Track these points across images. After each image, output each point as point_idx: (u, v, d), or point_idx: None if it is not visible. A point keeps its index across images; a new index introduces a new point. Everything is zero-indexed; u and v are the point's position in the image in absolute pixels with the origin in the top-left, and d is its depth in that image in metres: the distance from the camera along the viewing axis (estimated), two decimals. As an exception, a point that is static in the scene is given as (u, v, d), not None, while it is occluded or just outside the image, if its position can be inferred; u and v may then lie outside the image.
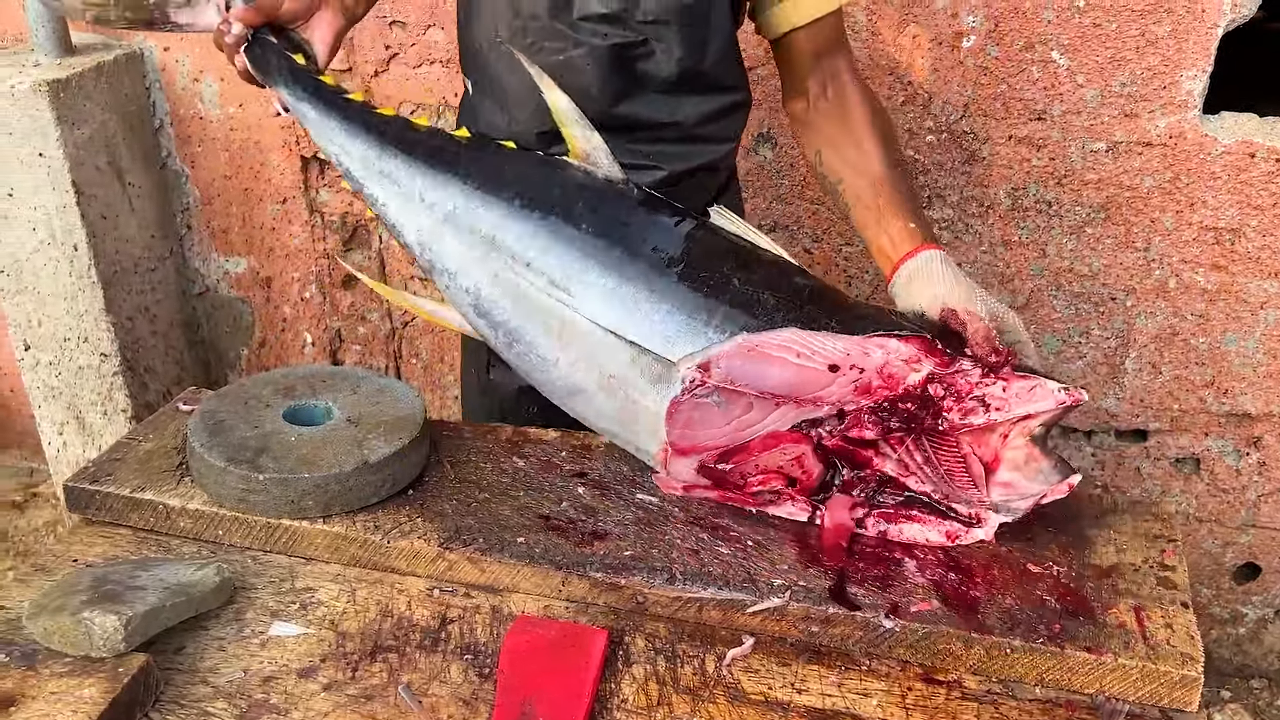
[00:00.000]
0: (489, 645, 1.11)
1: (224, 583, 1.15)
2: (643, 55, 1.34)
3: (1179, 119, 1.89)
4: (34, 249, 2.34)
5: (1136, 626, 1.07)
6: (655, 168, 1.41)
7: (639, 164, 1.39)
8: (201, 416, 1.31)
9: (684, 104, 1.39)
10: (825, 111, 1.38)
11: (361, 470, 1.22)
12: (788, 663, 1.09)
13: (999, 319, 1.18)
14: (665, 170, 1.42)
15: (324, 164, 2.43)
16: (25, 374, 2.54)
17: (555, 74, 1.31)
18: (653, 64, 1.35)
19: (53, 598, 1.07)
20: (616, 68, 1.35)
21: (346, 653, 1.10)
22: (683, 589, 1.13)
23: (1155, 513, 1.25)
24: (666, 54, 1.34)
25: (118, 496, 1.27)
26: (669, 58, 1.34)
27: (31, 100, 2.18)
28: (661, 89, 1.37)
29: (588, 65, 1.34)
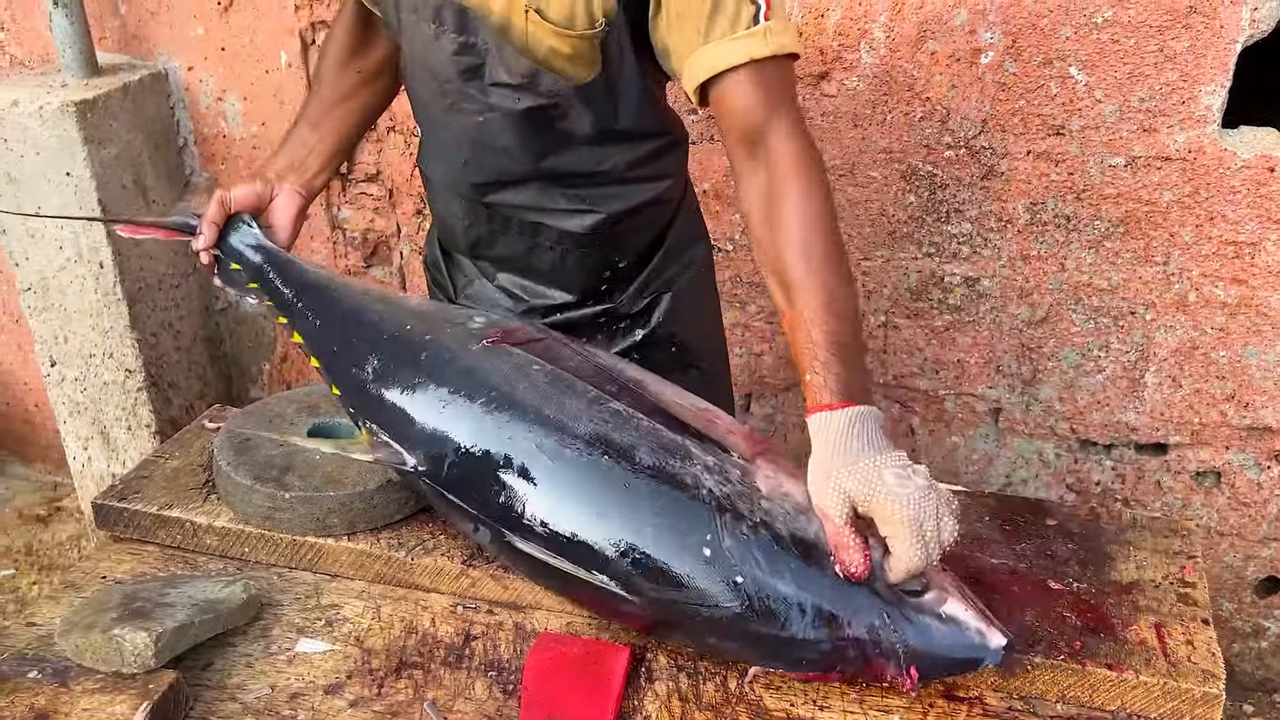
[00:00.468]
0: (512, 662, 1.12)
1: (251, 600, 1.17)
2: (558, 116, 1.30)
3: (1198, 134, 1.89)
4: (60, 266, 2.37)
5: (1157, 643, 1.07)
6: (592, 211, 1.39)
7: (575, 209, 1.38)
8: (227, 435, 1.33)
9: (609, 153, 1.35)
10: (752, 197, 1.19)
11: (385, 488, 1.24)
12: (809, 680, 1.09)
13: (868, 503, 1.00)
14: (603, 213, 1.39)
15: (345, 180, 2.46)
16: (51, 389, 2.58)
17: (476, 134, 1.33)
18: (568, 123, 1.31)
19: (83, 615, 1.09)
20: (534, 128, 1.31)
21: (372, 669, 1.11)
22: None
23: (1175, 529, 1.25)
24: (579, 117, 1.30)
25: (145, 514, 1.29)
26: (582, 120, 1.30)
27: (59, 120, 2.21)
28: (584, 142, 1.33)
29: (506, 127, 1.31)
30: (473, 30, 1.26)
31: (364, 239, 2.51)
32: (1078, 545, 1.22)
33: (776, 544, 1.03)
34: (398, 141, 2.36)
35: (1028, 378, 2.19)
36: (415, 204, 2.43)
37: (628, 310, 1.48)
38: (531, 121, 1.30)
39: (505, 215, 1.41)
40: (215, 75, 2.43)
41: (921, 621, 1.02)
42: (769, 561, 1.03)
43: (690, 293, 1.55)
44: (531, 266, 1.46)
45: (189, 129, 2.50)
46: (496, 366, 1.20)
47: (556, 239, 1.41)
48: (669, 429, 1.13)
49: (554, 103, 1.28)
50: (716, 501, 1.06)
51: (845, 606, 1.02)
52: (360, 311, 1.32)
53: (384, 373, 1.23)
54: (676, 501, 1.07)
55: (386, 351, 1.25)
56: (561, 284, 1.47)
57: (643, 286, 1.48)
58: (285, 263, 1.39)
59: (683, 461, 1.09)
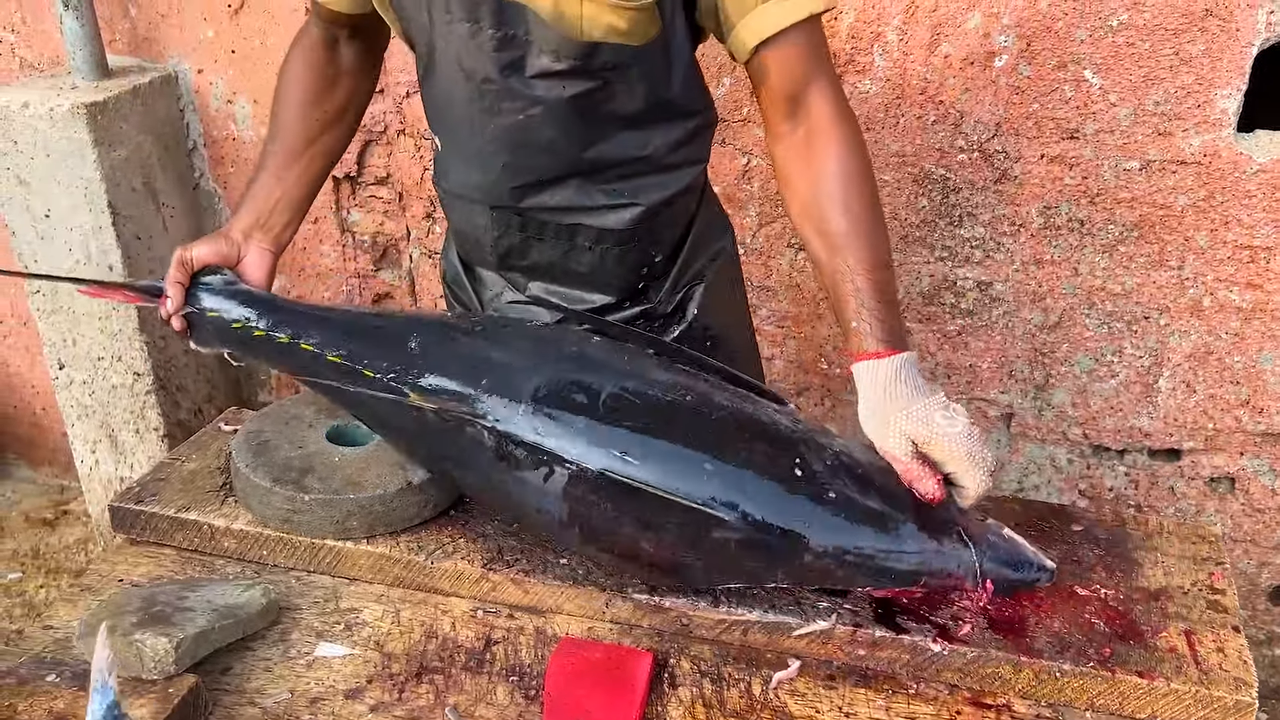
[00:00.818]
0: (534, 667, 1.11)
1: (270, 604, 1.16)
2: (605, 99, 1.27)
3: (1213, 137, 1.89)
4: (70, 269, 2.36)
5: (1188, 650, 1.06)
6: (631, 204, 1.37)
7: (615, 204, 1.37)
8: (245, 436, 1.32)
9: (653, 136, 1.34)
10: (791, 155, 1.25)
11: (405, 491, 1.23)
12: (834, 686, 1.08)
13: (928, 445, 1.11)
14: (643, 205, 1.37)
15: (355, 183, 2.45)
16: (59, 393, 2.57)
17: (517, 134, 1.29)
18: (617, 104, 1.29)
19: (102, 618, 1.08)
20: (580, 116, 1.28)
21: (393, 674, 1.10)
22: (728, 611, 1.13)
23: (1202, 534, 1.24)
24: (629, 93, 1.28)
25: (162, 517, 1.28)
26: (632, 96, 1.28)
27: (70, 122, 2.20)
28: (628, 125, 1.31)
29: (550, 120, 1.28)
30: (513, 23, 1.22)
31: (374, 242, 2.50)
32: (1104, 551, 1.21)
33: (859, 467, 1.13)
34: (408, 145, 2.35)
35: (1040, 382, 2.18)
36: (425, 207, 2.42)
37: (664, 309, 1.47)
38: (577, 109, 1.28)
39: (540, 221, 1.38)
40: (225, 78, 2.42)
41: (989, 540, 1.14)
42: (855, 481, 1.12)
43: (719, 284, 1.54)
44: (568, 271, 1.43)
45: (199, 132, 2.49)
46: (557, 335, 1.26)
47: (595, 238, 1.39)
48: (731, 385, 1.22)
49: (604, 82, 1.26)
50: (797, 434, 1.14)
51: (928, 522, 1.12)
52: (379, 315, 1.33)
53: (433, 343, 1.24)
54: (761, 432, 1.14)
55: (431, 331, 1.26)
56: (600, 286, 1.44)
57: (675, 281, 1.47)
58: (270, 297, 1.36)
59: (754, 406, 1.18)
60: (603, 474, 1.10)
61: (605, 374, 1.17)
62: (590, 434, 1.12)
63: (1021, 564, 1.14)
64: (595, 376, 1.17)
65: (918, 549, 1.11)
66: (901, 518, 1.11)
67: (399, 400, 1.21)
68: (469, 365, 1.20)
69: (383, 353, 1.24)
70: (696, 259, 1.49)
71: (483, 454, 1.17)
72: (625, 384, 1.16)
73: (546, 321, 1.30)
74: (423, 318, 1.31)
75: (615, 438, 1.12)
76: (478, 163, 1.35)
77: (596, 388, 1.15)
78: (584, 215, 1.37)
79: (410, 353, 1.23)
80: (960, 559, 1.12)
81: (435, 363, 1.21)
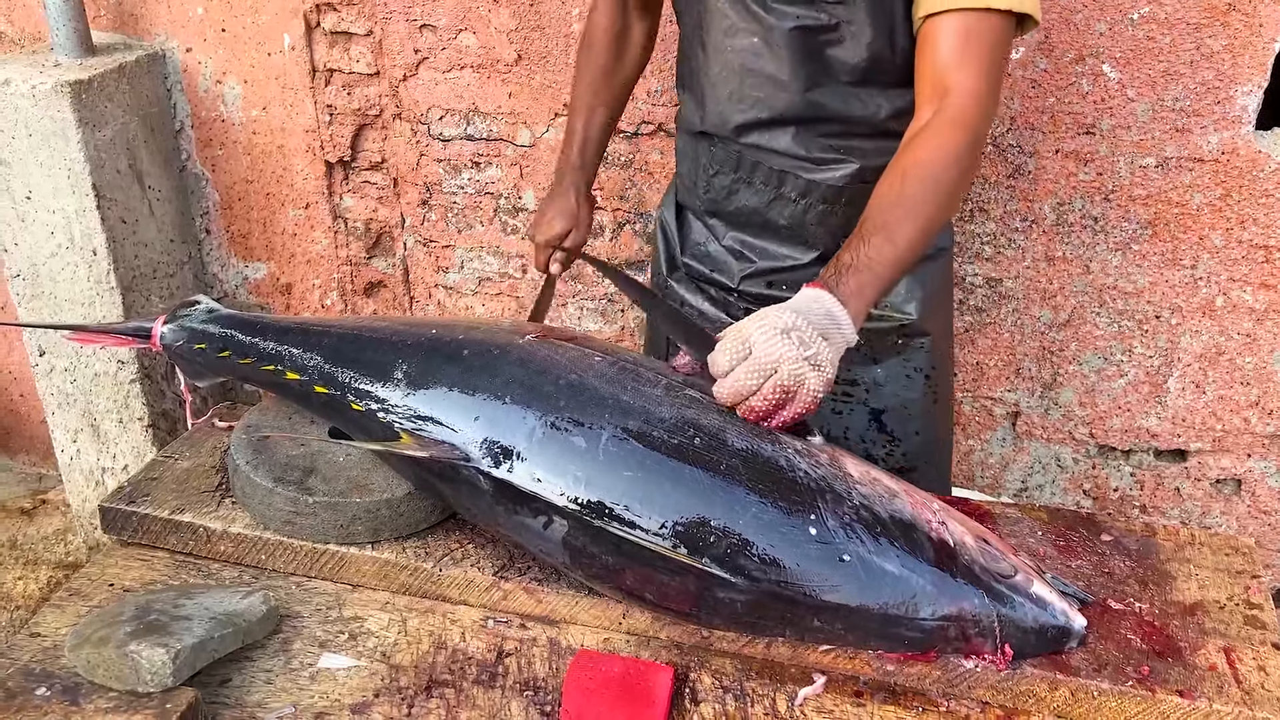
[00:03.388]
0: (549, 680, 1.07)
1: (270, 612, 1.10)
2: (832, 40, 1.29)
3: (1231, 135, 1.85)
4: (51, 253, 2.29)
5: (1228, 668, 1.03)
6: (846, 160, 1.38)
7: (830, 158, 1.38)
8: (245, 431, 1.26)
9: (873, 97, 1.34)
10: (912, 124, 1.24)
11: (414, 495, 1.17)
12: (862, 703, 1.04)
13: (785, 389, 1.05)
14: (857, 163, 1.38)
15: (349, 168, 2.39)
16: (39, 380, 2.49)
17: (746, 59, 1.34)
18: (842, 50, 1.30)
19: (95, 628, 1.02)
20: (805, 53, 1.31)
21: (401, 687, 1.05)
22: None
23: (1235, 546, 1.20)
24: (855, 39, 1.29)
25: (155, 518, 1.22)
26: (858, 43, 1.29)
27: (52, 101, 2.13)
28: (851, 79, 1.32)
29: (778, 49, 1.32)
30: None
31: (366, 229, 2.44)
32: (1135, 563, 1.17)
33: (878, 524, 1.04)
34: (403, 129, 2.29)
35: (1048, 381, 2.15)
36: (420, 194, 2.35)
37: None
38: (803, 44, 1.30)
39: (753, 162, 1.42)
40: (215, 57, 2.34)
41: (1015, 601, 1.04)
42: (873, 541, 1.02)
43: (939, 288, 1.51)
44: (768, 223, 1.46)
45: (186, 112, 2.42)
46: (553, 357, 1.15)
47: (803, 190, 1.40)
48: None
49: (833, 22, 1.28)
50: (814, 483, 1.05)
51: (945, 585, 1.03)
52: (365, 331, 1.26)
53: (421, 375, 1.17)
54: (776, 482, 1.04)
55: (418, 355, 1.19)
56: (797, 241, 1.46)
57: None
58: (253, 319, 1.34)
59: (774, 445, 1.07)
60: (602, 530, 1.05)
61: (605, 411, 1.09)
62: (590, 484, 1.05)
63: (1047, 628, 1.04)
64: (594, 414, 1.09)
65: (932, 615, 1.02)
66: (918, 582, 1.02)
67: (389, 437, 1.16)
68: (459, 402, 1.13)
69: (369, 380, 1.19)
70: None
71: (480, 497, 1.12)
72: (628, 424, 1.07)
73: (531, 336, 1.21)
74: (407, 337, 1.22)
75: (616, 488, 1.05)
76: (710, 91, 1.41)
77: (596, 429, 1.07)
78: (796, 164, 1.39)
79: (396, 382, 1.17)
80: (980, 624, 1.03)
81: (424, 398, 1.15)
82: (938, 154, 1.17)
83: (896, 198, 1.15)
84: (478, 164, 2.28)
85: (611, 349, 1.20)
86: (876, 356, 1.52)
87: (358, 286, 2.51)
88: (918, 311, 1.49)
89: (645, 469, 1.05)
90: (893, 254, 1.13)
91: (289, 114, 2.34)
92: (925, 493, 1.13)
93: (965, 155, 1.18)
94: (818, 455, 1.08)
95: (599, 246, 2.29)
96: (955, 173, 1.17)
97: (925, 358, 1.53)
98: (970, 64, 1.20)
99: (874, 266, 1.11)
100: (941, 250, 1.52)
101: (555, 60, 2.13)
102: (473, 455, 1.10)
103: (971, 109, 1.19)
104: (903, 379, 1.53)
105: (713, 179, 1.47)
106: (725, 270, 1.53)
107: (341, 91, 2.29)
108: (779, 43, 1.31)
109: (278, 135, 2.38)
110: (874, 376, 1.53)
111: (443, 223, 2.38)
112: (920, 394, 1.54)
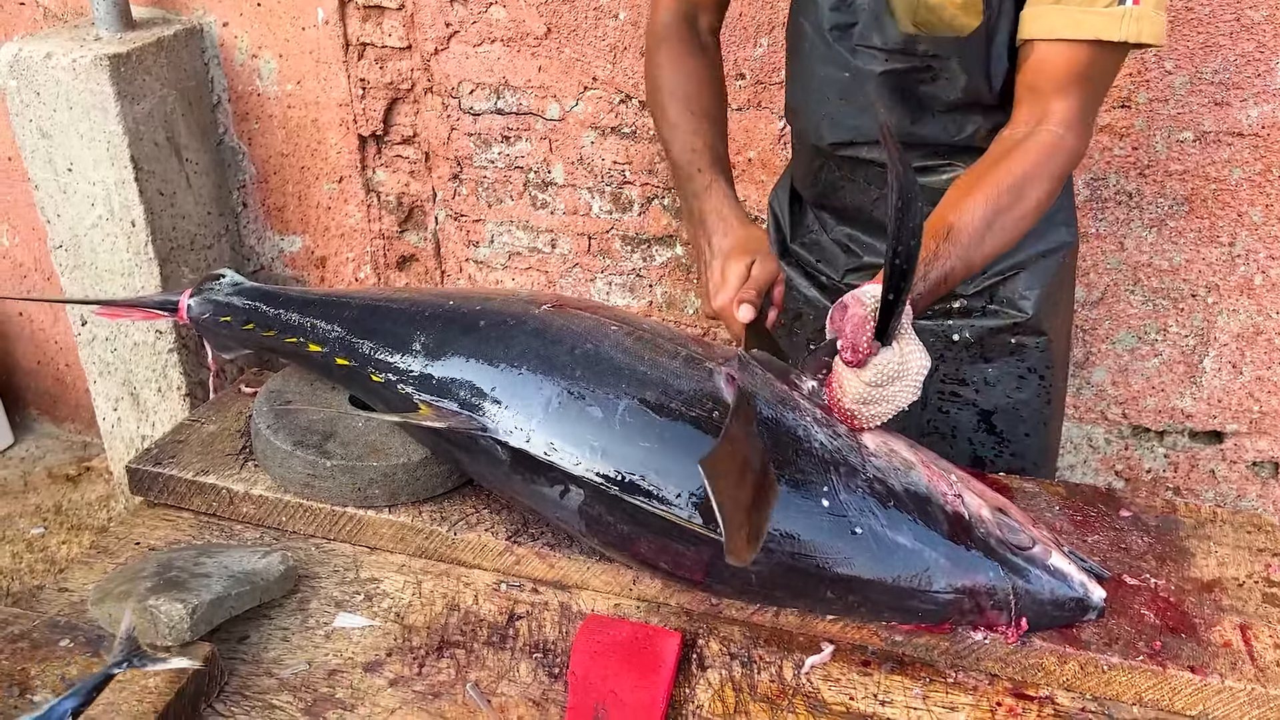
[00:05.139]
0: (558, 644, 1.08)
1: (288, 571, 1.13)
2: (924, 79, 1.27)
3: (1272, 108, 1.81)
4: (92, 224, 2.34)
5: (1243, 646, 1.01)
6: (950, 165, 1.34)
7: (932, 164, 1.35)
8: (267, 397, 1.28)
9: (971, 120, 1.30)
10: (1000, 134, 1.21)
11: (429, 460, 1.19)
12: (869, 672, 1.04)
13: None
14: (961, 167, 1.32)
15: (381, 142, 2.41)
16: (81, 349, 2.55)
17: (841, 89, 1.32)
18: (936, 87, 1.28)
19: (117, 583, 1.05)
20: (899, 93, 1.28)
21: (413, 647, 1.07)
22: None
23: (1258, 523, 1.18)
24: (949, 80, 1.26)
25: (180, 480, 1.25)
26: (952, 84, 1.26)
27: (92, 74, 2.17)
28: (947, 110, 1.29)
29: (868, 88, 1.30)
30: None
31: (399, 203, 2.46)
32: (1154, 539, 1.16)
33: (891, 497, 1.03)
34: (434, 103, 2.30)
35: (1080, 360, 2.12)
36: (451, 168, 2.37)
37: (965, 289, 1.40)
38: (894, 84, 1.28)
39: (854, 160, 1.38)
40: (250, 31, 2.37)
41: (1032, 573, 1.03)
42: (886, 514, 1.02)
43: (1060, 285, 1.44)
44: (874, 220, 1.42)
45: (223, 86, 2.45)
46: (570, 327, 1.15)
47: None
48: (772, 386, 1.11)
49: (925, 65, 1.26)
50: (830, 454, 1.04)
51: (959, 558, 1.02)
52: (385, 303, 1.28)
53: (439, 346, 1.18)
54: (791, 454, 1.04)
55: (435, 327, 1.20)
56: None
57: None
58: (276, 292, 1.37)
59: (794, 414, 1.07)
60: (618, 497, 1.05)
61: (622, 382, 1.09)
62: (606, 454, 1.05)
63: (1065, 600, 1.03)
64: (611, 384, 1.09)
65: (947, 588, 1.02)
66: (932, 555, 1.01)
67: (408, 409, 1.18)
68: (477, 372, 1.14)
69: (389, 352, 1.21)
70: (1023, 248, 1.37)
71: (497, 465, 1.13)
72: (644, 394, 1.07)
73: (548, 306, 1.20)
74: (425, 309, 1.24)
75: (632, 459, 1.05)
76: (806, 107, 1.40)
77: (613, 400, 1.07)
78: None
79: (415, 354, 1.19)
80: (995, 597, 1.02)
81: (442, 369, 1.16)
82: (1036, 179, 1.14)
83: (986, 220, 1.12)
84: (507, 138, 2.29)
85: (629, 319, 1.20)
86: (988, 355, 1.44)
87: (390, 260, 2.54)
88: (1034, 309, 1.42)
89: (663, 440, 1.05)
90: (965, 273, 1.13)
91: (323, 88, 2.37)
92: (946, 463, 1.12)
93: (1055, 184, 1.16)
94: (836, 425, 1.08)
95: (626, 222, 2.29)
96: (1045, 201, 1.15)
97: (1040, 358, 1.45)
98: (1073, 95, 1.16)
99: (945, 286, 1.11)
100: (1063, 245, 1.43)
101: (584, 34, 2.13)
102: (489, 426, 1.11)
103: (1069, 140, 1.16)
104: (1015, 380, 1.45)
105: (819, 172, 1.45)
106: (832, 263, 1.50)
107: (374, 65, 2.31)
108: (869, 82, 1.29)
109: (312, 109, 2.40)
110: (984, 376, 1.46)
111: (473, 197, 2.39)
112: (1033, 395, 1.46)
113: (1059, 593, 1.03)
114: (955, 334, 1.43)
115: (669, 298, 2.35)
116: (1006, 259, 1.39)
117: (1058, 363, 1.48)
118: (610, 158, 2.23)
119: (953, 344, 1.43)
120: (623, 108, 2.17)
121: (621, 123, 2.19)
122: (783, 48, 2.01)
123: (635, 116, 2.17)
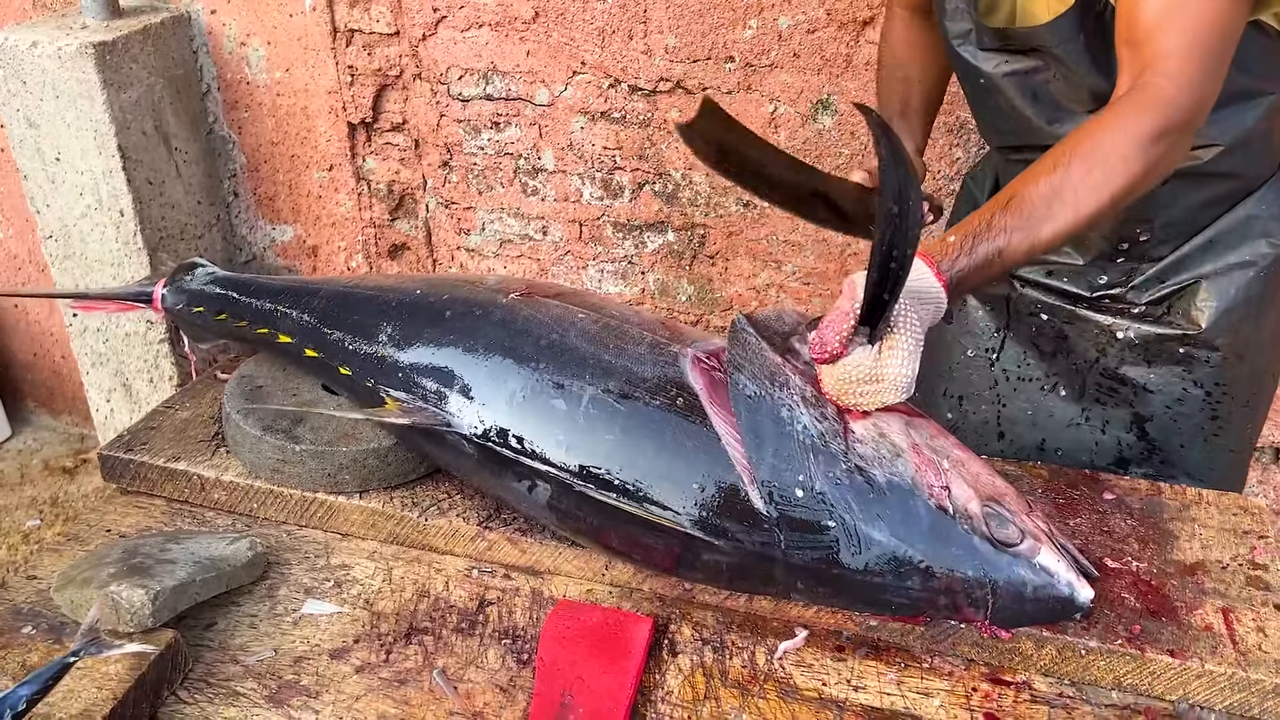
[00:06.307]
0: (528, 630, 1.06)
1: (257, 558, 1.11)
2: (1048, 79, 1.24)
3: None
4: (81, 214, 2.33)
5: (1225, 629, 0.99)
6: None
7: None
8: (239, 381, 1.27)
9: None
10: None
11: (400, 446, 1.18)
12: (843, 658, 1.03)
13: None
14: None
15: (371, 129, 2.39)
16: (74, 340, 2.54)
17: (986, 97, 1.33)
18: (1062, 85, 1.23)
19: (81, 569, 1.04)
20: (1030, 94, 1.27)
21: (380, 634, 1.06)
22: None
23: (1244, 505, 1.16)
24: (1068, 78, 1.22)
25: (152, 466, 1.24)
26: (1072, 83, 1.21)
27: (78, 62, 2.15)
28: (1086, 108, 1.22)
29: (1002, 91, 1.30)
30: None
31: (389, 191, 2.44)
32: (1137, 521, 1.13)
33: (871, 490, 0.99)
34: (423, 90, 2.28)
35: None
36: (441, 155, 2.35)
37: (1139, 297, 1.35)
38: (1022, 85, 1.27)
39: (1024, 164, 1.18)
40: (238, 19, 2.36)
41: (1014, 571, 0.98)
42: (863, 507, 0.98)
43: (1239, 297, 1.30)
44: None
45: (212, 74, 2.44)
46: (537, 317, 1.14)
47: None
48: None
49: (1036, 65, 1.24)
50: (810, 441, 1.00)
51: (939, 555, 0.98)
52: (354, 291, 1.27)
53: (406, 338, 1.17)
54: (770, 436, 1.01)
55: (402, 318, 1.19)
56: (1075, 242, 1.34)
57: (1164, 272, 1.33)
58: (248, 281, 1.36)
59: (781, 391, 1.02)
60: (584, 494, 1.04)
61: (586, 372, 1.07)
62: (571, 448, 1.04)
63: (1049, 598, 0.98)
64: (575, 376, 1.07)
65: (920, 585, 0.98)
66: (909, 550, 0.98)
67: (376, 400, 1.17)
68: (442, 365, 1.13)
69: (356, 343, 1.20)
70: (1210, 257, 1.30)
71: (465, 460, 1.12)
72: (609, 384, 1.06)
73: (515, 294, 1.19)
74: (394, 298, 1.23)
75: (597, 451, 1.03)
76: (973, 111, 1.44)
77: (577, 391, 1.06)
78: None
79: (381, 345, 1.18)
80: (972, 594, 0.98)
81: (407, 362, 1.15)
82: (1116, 139, 1.00)
83: (1052, 189, 1.00)
84: (497, 124, 2.27)
85: (597, 304, 1.18)
86: (1150, 358, 1.36)
87: (382, 249, 2.52)
88: (1210, 323, 1.31)
89: (627, 432, 1.04)
90: (1027, 251, 1.01)
91: (311, 75, 2.35)
92: (947, 443, 1.06)
93: (1150, 145, 1.00)
94: (826, 406, 1.03)
95: (618, 208, 2.27)
96: (1136, 166, 1.00)
97: (1210, 374, 1.34)
98: (1167, 35, 1.01)
99: (999, 263, 1.01)
100: (1263, 259, 1.29)
101: (572, 17, 2.10)
102: (454, 421, 1.10)
103: (1167, 89, 1.01)
104: (1178, 390, 1.36)
105: (1000, 169, 1.47)
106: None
107: (362, 52, 2.29)
108: (1000, 86, 1.29)
109: (301, 97, 2.39)
110: (1145, 380, 1.37)
111: (464, 184, 2.37)
112: (1195, 410, 1.36)
113: (1042, 591, 0.98)
114: (1120, 332, 1.37)
115: (661, 284, 2.33)
116: (1187, 269, 1.31)
117: (1238, 382, 1.35)
118: (600, 143, 2.21)
119: (1115, 340, 1.38)
120: (612, 92, 2.15)
121: (611, 108, 2.17)
122: (773, 30, 1.99)
123: (625, 101, 2.15)
